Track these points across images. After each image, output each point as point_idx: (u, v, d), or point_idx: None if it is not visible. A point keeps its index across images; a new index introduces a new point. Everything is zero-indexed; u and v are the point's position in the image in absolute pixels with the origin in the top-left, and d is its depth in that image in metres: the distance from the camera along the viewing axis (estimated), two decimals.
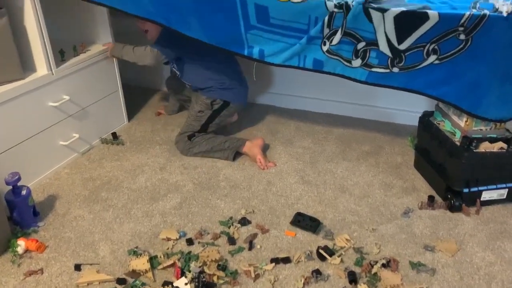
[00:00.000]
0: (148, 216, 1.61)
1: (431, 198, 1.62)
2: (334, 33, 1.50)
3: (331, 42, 1.51)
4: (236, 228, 1.53)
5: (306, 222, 1.55)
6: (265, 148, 2.02)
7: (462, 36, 1.40)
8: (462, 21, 1.37)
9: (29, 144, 1.74)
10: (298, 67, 1.62)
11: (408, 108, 2.18)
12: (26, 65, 1.74)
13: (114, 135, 2.14)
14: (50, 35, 1.74)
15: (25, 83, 1.68)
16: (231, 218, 1.59)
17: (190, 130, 1.99)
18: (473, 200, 1.58)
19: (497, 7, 1.39)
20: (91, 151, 2.03)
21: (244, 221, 1.57)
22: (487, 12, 1.37)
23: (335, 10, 1.45)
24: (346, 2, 1.45)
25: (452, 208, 1.58)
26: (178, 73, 2.09)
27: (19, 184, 1.51)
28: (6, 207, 1.50)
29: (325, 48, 1.54)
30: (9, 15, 1.61)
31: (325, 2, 1.46)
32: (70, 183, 1.80)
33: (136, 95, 2.51)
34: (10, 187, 1.51)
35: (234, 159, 1.94)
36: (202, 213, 1.62)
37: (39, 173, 1.82)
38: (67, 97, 1.84)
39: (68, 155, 1.94)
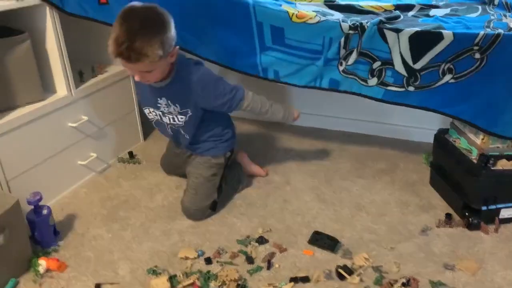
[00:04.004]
0: (166, 235, 1.63)
1: (448, 216, 1.62)
2: (350, 53, 1.52)
3: (347, 62, 1.54)
4: (253, 247, 1.54)
5: (324, 241, 1.55)
6: (266, 161, 2.03)
7: (477, 55, 1.41)
8: (477, 40, 1.39)
9: (49, 164, 1.77)
10: (314, 87, 1.64)
11: (422, 125, 2.18)
12: (46, 87, 1.78)
13: (131, 154, 2.16)
14: (69, 56, 1.77)
15: (46, 105, 1.72)
16: (248, 236, 1.60)
17: (209, 200, 1.70)
18: (491, 218, 1.57)
19: (511, 26, 1.40)
20: (109, 170, 2.06)
21: (261, 240, 1.57)
22: (501, 31, 1.39)
23: (350, 32, 1.48)
24: (361, 23, 1.47)
25: (470, 226, 1.57)
26: (185, 134, 1.71)
27: (40, 203, 1.54)
28: (27, 226, 1.53)
29: (341, 68, 1.56)
30: (32, 39, 1.66)
31: (340, 24, 1.49)
32: (89, 202, 1.83)
33: None
34: (32, 206, 1.54)
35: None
36: (219, 231, 1.63)
37: (58, 192, 1.85)
38: (85, 118, 1.88)
39: (86, 174, 1.97)
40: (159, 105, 1.64)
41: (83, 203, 1.83)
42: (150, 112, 1.71)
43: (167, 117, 1.67)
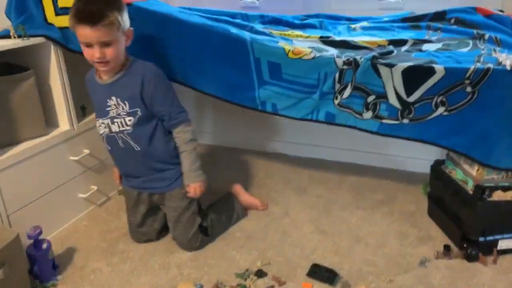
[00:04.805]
0: (165, 268, 1.63)
1: (446, 247, 1.62)
2: (345, 88, 1.56)
3: (342, 96, 1.58)
4: (252, 281, 1.54)
5: (322, 274, 1.55)
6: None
7: (468, 89, 1.45)
8: (468, 74, 1.43)
9: (50, 197, 1.79)
10: (311, 120, 1.67)
11: (420, 156, 2.20)
12: (49, 121, 1.82)
13: None
14: (72, 91, 1.82)
15: (48, 139, 1.76)
16: (247, 270, 1.60)
17: (194, 226, 1.70)
18: (490, 249, 1.58)
19: (500, 60, 1.45)
20: (109, 203, 2.08)
21: (260, 273, 1.57)
22: (491, 65, 1.43)
23: (344, 67, 1.52)
24: (355, 59, 1.52)
25: (469, 258, 1.57)
26: (136, 145, 1.61)
27: (40, 237, 1.55)
28: (27, 260, 1.53)
29: (336, 101, 1.60)
30: (36, 75, 1.71)
31: (335, 59, 1.54)
32: (88, 236, 1.83)
33: None
34: (32, 240, 1.55)
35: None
36: (218, 264, 1.63)
37: (58, 225, 1.86)
38: (87, 151, 1.91)
39: (86, 207, 1.99)
40: (108, 108, 1.58)
41: (83, 236, 1.83)
42: (100, 125, 1.64)
43: (116, 124, 1.59)
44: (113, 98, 1.57)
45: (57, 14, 1.70)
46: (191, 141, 1.63)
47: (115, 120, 1.59)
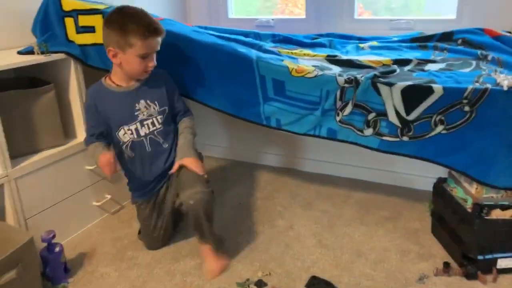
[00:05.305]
0: (169, 275, 1.69)
1: (446, 265, 1.63)
2: (346, 105, 1.61)
3: (343, 113, 1.63)
4: None
5: (320, 286, 1.58)
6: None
7: (466, 108, 1.48)
8: (466, 94, 1.46)
9: (66, 204, 1.89)
10: (314, 135, 1.73)
11: (426, 174, 2.21)
12: (67, 132, 1.93)
13: None
14: None
15: (66, 149, 1.86)
16: (248, 279, 1.64)
17: (205, 181, 1.68)
18: (489, 267, 1.58)
19: (498, 81, 1.47)
20: (122, 211, 2.17)
21: (260, 283, 1.62)
22: (489, 86, 1.46)
23: (345, 85, 1.58)
24: (356, 77, 1.58)
25: (468, 276, 1.58)
26: (164, 142, 1.76)
27: (53, 241, 1.64)
28: (40, 262, 1.62)
29: (338, 118, 1.65)
30: (56, 88, 1.83)
31: (336, 78, 1.60)
32: (100, 242, 1.92)
33: None
34: (45, 244, 1.64)
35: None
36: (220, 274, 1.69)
37: (73, 231, 1.96)
38: None
39: (100, 215, 2.08)
40: (137, 113, 1.69)
41: (95, 242, 1.92)
42: (125, 132, 1.69)
43: (145, 126, 1.70)
44: (141, 101, 1.71)
45: (78, 32, 1.82)
46: (194, 126, 1.82)
47: (145, 122, 1.71)
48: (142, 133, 1.71)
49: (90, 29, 1.81)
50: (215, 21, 2.83)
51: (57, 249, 1.65)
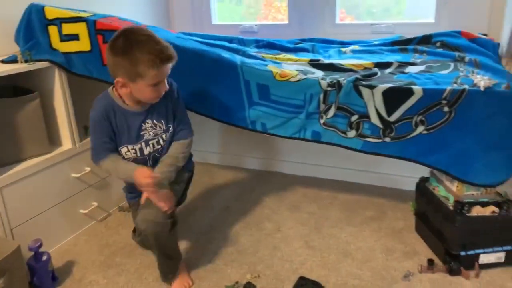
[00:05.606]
0: (158, 281, 1.70)
1: (430, 262, 1.67)
2: (329, 108, 1.65)
3: (327, 115, 1.66)
4: None
5: (309, 287, 1.60)
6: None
7: (446, 109, 1.53)
8: (444, 95, 1.51)
9: (52, 213, 1.88)
10: (299, 138, 1.76)
11: (410, 174, 2.25)
12: (53, 140, 1.93)
13: None
14: (75, 111, 1.93)
15: (51, 157, 1.86)
16: (237, 282, 1.66)
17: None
18: (471, 263, 1.62)
19: (475, 82, 1.52)
20: (109, 219, 2.16)
21: (249, 286, 1.64)
22: (466, 86, 1.51)
23: (328, 88, 1.61)
24: (338, 81, 1.61)
25: (451, 272, 1.62)
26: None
27: (40, 250, 1.64)
28: (28, 271, 1.62)
29: (322, 121, 1.68)
30: (41, 97, 1.82)
31: (319, 81, 1.63)
32: (88, 249, 1.92)
33: None
34: (32, 253, 1.63)
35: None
36: (208, 278, 1.70)
37: (60, 239, 1.95)
38: (88, 169, 2.01)
39: (87, 223, 2.08)
40: (143, 133, 1.61)
41: (82, 250, 1.92)
42: (129, 150, 1.61)
43: (150, 145, 1.63)
44: (148, 121, 1.61)
45: (62, 40, 1.82)
46: (182, 153, 1.66)
47: (150, 141, 1.62)
48: (146, 152, 1.63)
49: (74, 37, 1.81)
50: (199, 27, 2.85)
51: (44, 257, 1.64)
